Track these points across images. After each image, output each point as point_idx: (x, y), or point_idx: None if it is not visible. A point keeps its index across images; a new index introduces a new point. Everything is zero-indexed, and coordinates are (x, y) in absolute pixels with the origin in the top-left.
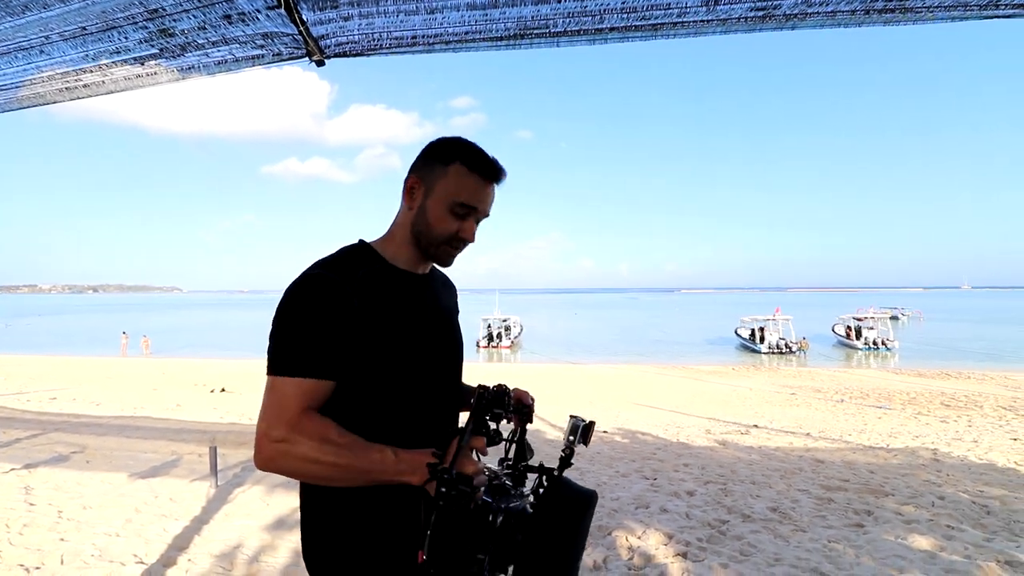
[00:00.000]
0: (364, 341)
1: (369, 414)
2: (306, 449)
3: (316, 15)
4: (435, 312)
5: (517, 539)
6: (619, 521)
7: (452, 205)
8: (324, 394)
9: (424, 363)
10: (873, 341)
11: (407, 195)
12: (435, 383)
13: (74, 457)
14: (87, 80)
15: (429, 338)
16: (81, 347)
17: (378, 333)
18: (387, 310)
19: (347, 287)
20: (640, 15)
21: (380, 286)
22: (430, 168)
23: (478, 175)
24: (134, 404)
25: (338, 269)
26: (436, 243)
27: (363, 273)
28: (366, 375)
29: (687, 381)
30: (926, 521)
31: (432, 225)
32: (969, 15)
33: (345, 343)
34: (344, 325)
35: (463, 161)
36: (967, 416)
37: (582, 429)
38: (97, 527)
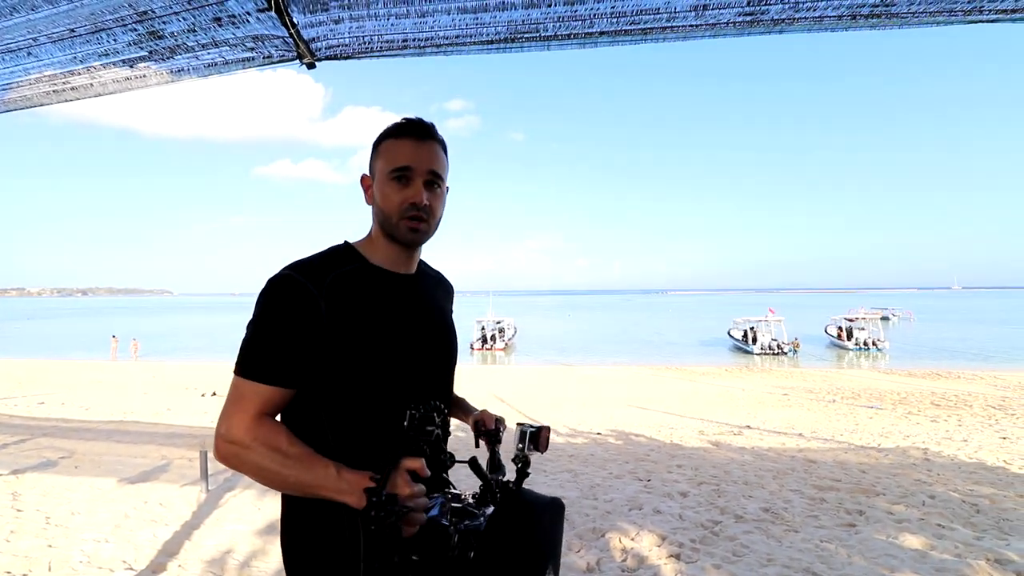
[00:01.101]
0: (333, 346)
1: (348, 419)
2: (256, 456)
3: (307, 18)
4: (419, 313)
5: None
6: (612, 523)
7: (389, 175)
8: (281, 401)
9: (403, 366)
10: (864, 342)
11: (366, 193)
12: (417, 386)
13: (62, 462)
14: (75, 83)
15: (409, 340)
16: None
17: (348, 338)
18: (359, 313)
19: (314, 291)
20: (629, 19)
21: (354, 288)
22: (372, 159)
23: (400, 138)
24: (124, 408)
25: (309, 272)
26: (393, 220)
27: (335, 276)
28: (340, 380)
29: (680, 382)
30: (917, 520)
31: (382, 204)
32: (954, 20)
33: (309, 350)
34: (308, 332)
35: (386, 135)
36: (957, 416)
37: (530, 435)
38: (85, 533)
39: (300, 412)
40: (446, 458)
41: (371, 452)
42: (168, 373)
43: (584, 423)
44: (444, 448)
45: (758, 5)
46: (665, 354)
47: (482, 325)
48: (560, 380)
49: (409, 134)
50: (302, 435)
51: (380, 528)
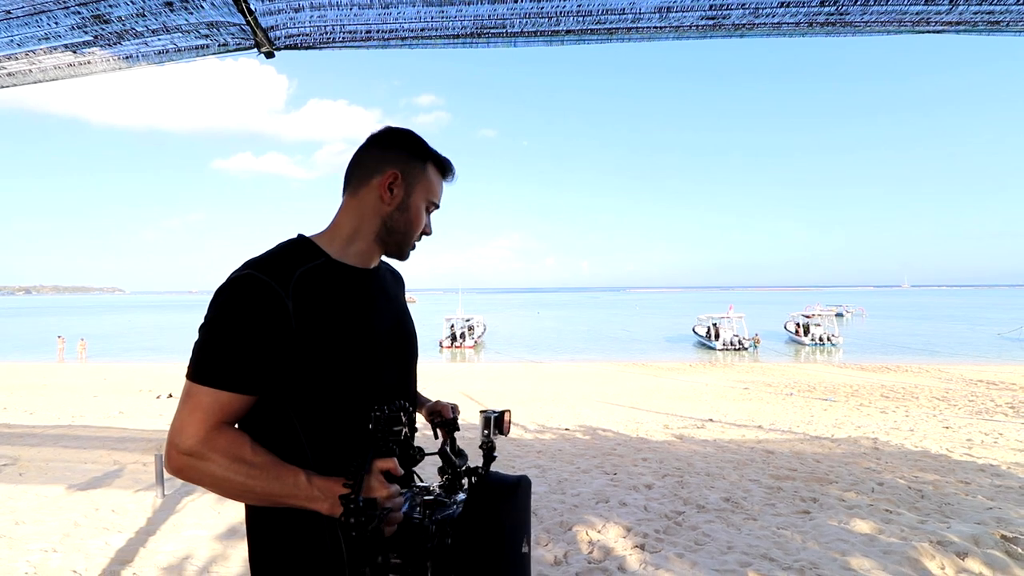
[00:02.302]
0: (303, 347)
1: (322, 422)
2: (215, 467)
3: (265, 5)
4: (385, 307)
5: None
6: (580, 516)
7: (428, 204)
8: (241, 408)
9: (375, 363)
10: (819, 337)
11: (382, 189)
12: (388, 384)
13: (5, 470)
14: (12, 68)
15: (379, 336)
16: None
17: (319, 338)
18: (329, 311)
19: (279, 290)
20: (595, 19)
21: (321, 285)
22: (408, 164)
23: (441, 174)
24: (72, 412)
25: (273, 269)
26: (411, 238)
27: (302, 272)
28: (312, 382)
29: (646, 378)
30: (866, 506)
31: (412, 223)
32: (903, 29)
33: (275, 353)
34: (275, 334)
35: (433, 162)
36: (904, 407)
37: (494, 420)
38: (31, 543)
39: (268, 417)
40: (415, 453)
41: (347, 454)
42: (120, 375)
43: (553, 419)
44: (412, 444)
45: (720, 10)
46: (632, 351)
47: (451, 323)
48: (529, 377)
49: (447, 175)
50: (271, 441)
51: (361, 533)
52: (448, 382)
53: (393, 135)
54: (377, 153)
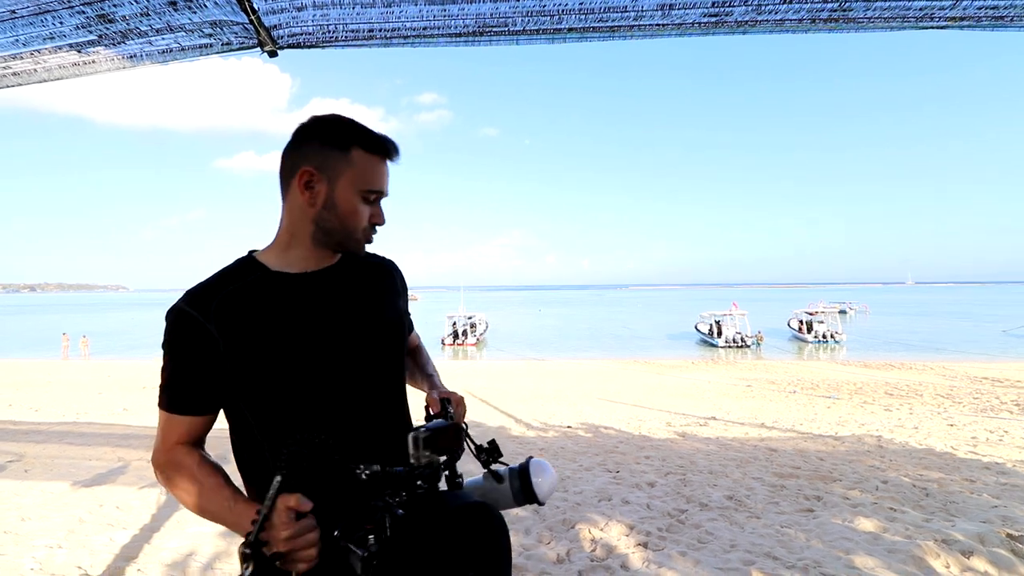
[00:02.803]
0: (236, 367)
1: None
2: (172, 482)
3: (268, 4)
4: (336, 307)
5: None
6: (582, 514)
7: (363, 194)
8: (200, 427)
9: (319, 369)
10: (823, 334)
11: (303, 189)
12: (345, 384)
13: (11, 466)
14: (17, 67)
15: (321, 340)
16: (17, 349)
17: (246, 354)
18: (253, 328)
19: (200, 319)
20: (597, 16)
21: (244, 305)
22: (324, 155)
23: (375, 155)
24: (77, 409)
25: (195, 299)
26: (353, 236)
27: (220, 298)
28: (256, 397)
29: (649, 375)
30: (871, 504)
31: (347, 218)
32: (906, 25)
33: (210, 378)
34: (205, 360)
35: (362, 144)
36: (908, 404)
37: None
38: (37, 539)
39: (238, 430)
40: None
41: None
42: (124, 372)
43: (555, 417)
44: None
45: (722, 7)
46: (634, 348)
47: (453, 320)
48: (531, 375)
49: (384, 153)
50: (245, 453)
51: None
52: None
53: (307, 127)
54: (292, 150)
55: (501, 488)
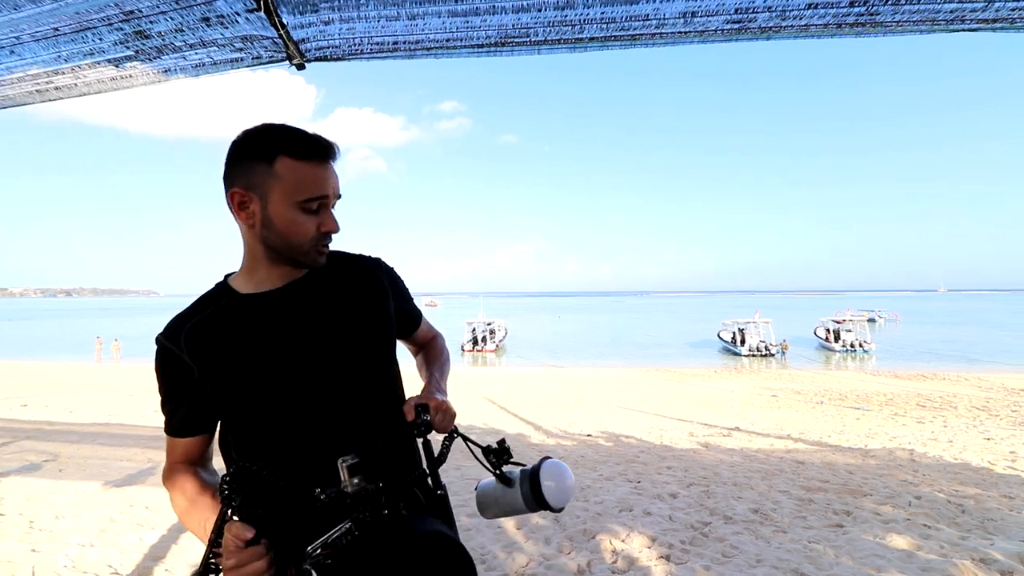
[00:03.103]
0: (211, 390)
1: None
2: (171, 499)
3: (296, 19)
4: (302, 323)
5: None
6: (603, 524)
7: (299, 205)
8: (194, 447)
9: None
10: (851, 343)
11: (239, 212)
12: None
13: (46, 465)
14: (59, 82)
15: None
16: (53, 352)
17: (217, 378)
18: (220, 353)
19: (173, 348)
20: (619, 25)
21: (211, 332)
22: (250, 172)
23: (304, 160)
24: (109, 411)
25: (170, 329)
26: (302, 250)
27: (190, 327)
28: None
29: (670, 384)
30: (903, 521)
31: (287, 235)
32: (936, 28)
33: (192, 402)
34: (184, 386)
35: (287, 152)
36: (942, 417)
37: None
38: (70, 537)
39: (222, 447)
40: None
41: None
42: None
43: (574, 425)
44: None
45: (746, 13)
46: (654, 356)
47: (472, 327)
48: (550, 382)
49: (315, 156)
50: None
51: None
52: (469, 387)
53: (235, 144)
54: (225, 171)
55: (512, 492)
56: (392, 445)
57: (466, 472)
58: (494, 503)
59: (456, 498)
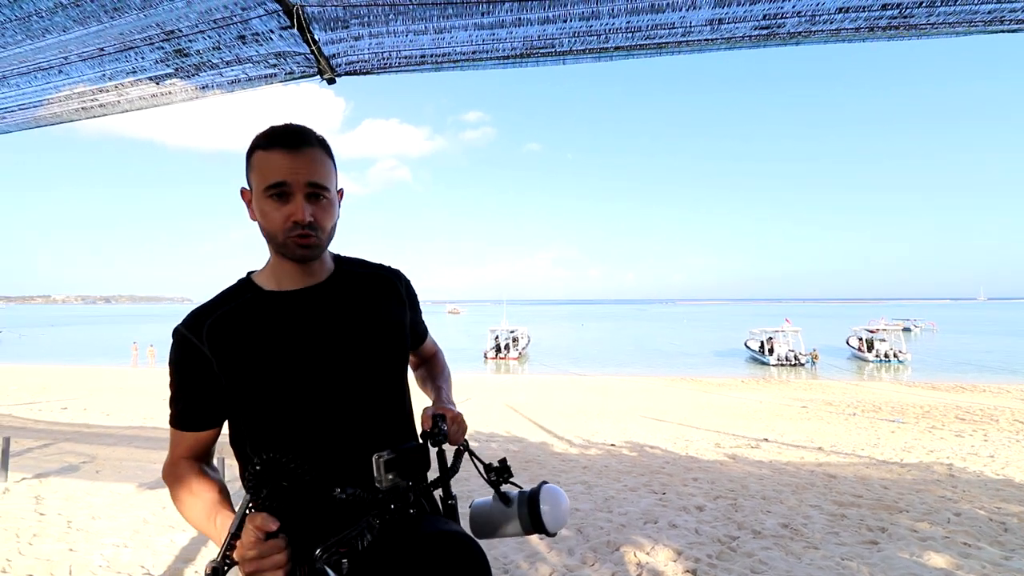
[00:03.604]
0: (229, 385)
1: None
2: (173, 494)
3: (328, 35)
4: (322, 325)
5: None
6: (627, 536)
7: (267, 192)
8: (203, 441)
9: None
10: (885, 353)
11: (248, 209)
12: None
13: (84, 467)
14: (103, 99)
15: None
16: (92, 357)
17: (237, 374)
18: (242, 348)
19: (195, 341)
20: (645, 34)
21: (234, 326)
22: (247, 170)
23: (272, 150)
24: (144, 414)
25: (191, 322)
26: (279, 239)
27: (212, 320)
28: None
29: (695, 393)
30: (942, 538)
31: (263, 224)
32: (973, 30)
33: (207, 396)
34: (200, 380)
35: (258, 146)
36: (983, 430)
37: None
38: (106, 537)
39: (235, 441)
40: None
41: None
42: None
43: (598, 434)
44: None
45: (774, 19)
46: (680, 365)
47: (496, 334)
48: (573, 390)
49: (280, 144)
50: (239, 462)
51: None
52: (492, 394)
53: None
54: None
55: (508, 512)
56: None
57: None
58: (487, 521)
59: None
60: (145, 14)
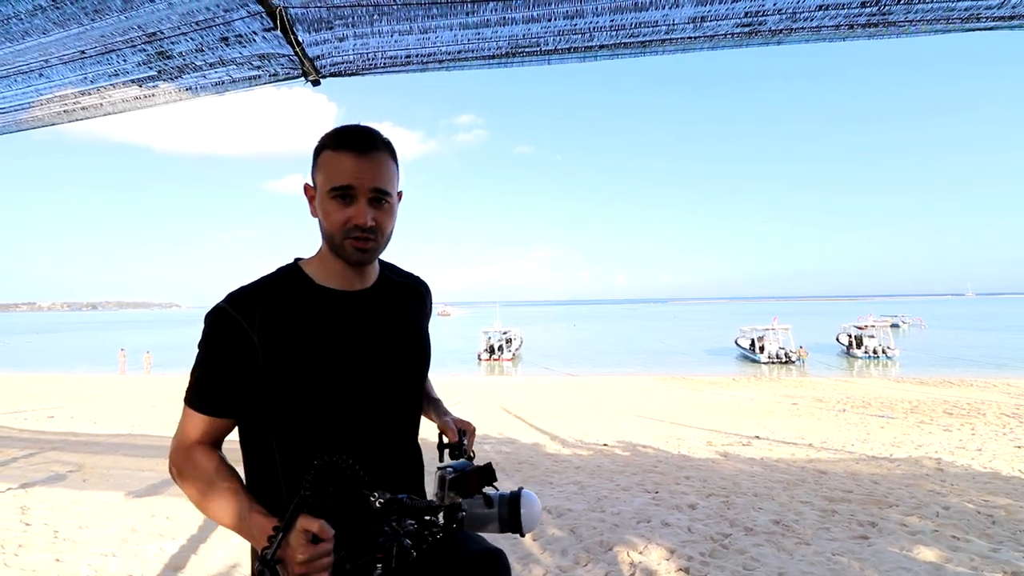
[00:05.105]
0: (271, 378)
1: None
2: (186, 481)
3: (311, 36)
4: (372, 331)
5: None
6: (620, 536)
7: (331, 192)
8: (222, 429)
9: (350, 391)
10: (874, 350)
11: (309, 203)
12: (371, 408)
13: (71, 476)
14: (85, 103)
15: (356, 364)
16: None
17: (285, 369)
18: (295, 343)
19: (245, 325)
20: (628, 32)
21: (290, 317)
22: (313, 167)
23: (340, 151)
24: (132, 422)
25: (242, 303)
26: (337, 240)
27: (268, 306)
28: (284, 409)
29: (687, 392)
30: (931, 532)
31: (325, 224)
32: (951, 28)
33: (244, 384)
34: (242, 366)
35: (326, 146)
36: (970, 424)
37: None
38: (93, 547)
39: (252, 436)
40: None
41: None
42: (177, 387)
43: (590, 434)
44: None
45: (755, 16)
46: (671, 364)
47: (488, 336)
48: (566, 391)
49: (349, 147)
50: (254, 458)
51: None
52: (486, 395)
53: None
54: None
55: (489, 513)
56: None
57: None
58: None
59: None
60: (126, 16)
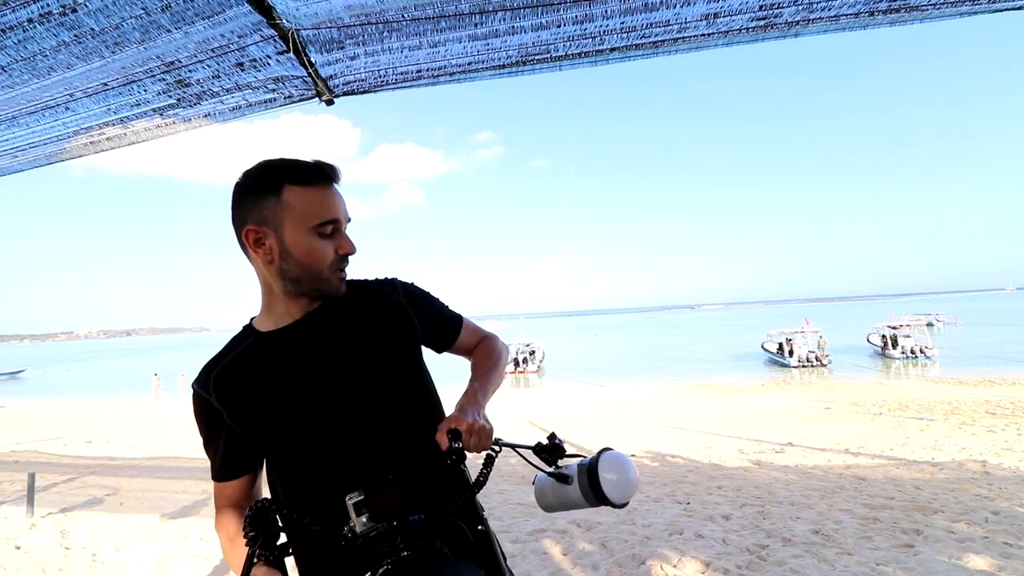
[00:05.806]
0: (243, 431)
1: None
2: (221, 545)
3: (324, 56)
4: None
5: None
6: (653, 549)
7: (314, 231)
8: (240, 489)
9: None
10: (910, 350)
11: (255, 249)
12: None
13: (108, 499)
14: (110, 133)
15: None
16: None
17: (246, 420)
18: (246, 395)
19: (204, 395)
20: (640, 33)
21: (235, 375)
22: (260, 207)
23: (315, 186)
24: (165, 445)
25: (202, 375)
26: (324, 275)
27: (216, 372)
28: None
29: (715, 399)
30: (980, 539)
31: (307, 262)
32: (978, 9)
33: (229, 445)
34: (219, 430)
35: (293, 180)
36: (1016, 424)
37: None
38: (130, 570)
39: (272, 485)
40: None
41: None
42: None
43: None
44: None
45: (771, 9)
46: (697, 371)
47: (514, 348)
48: (591, 401)
49: (321, 180)
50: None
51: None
52: (511, 409)
53: (238, 185)
54: (233, 213)
55: (570, 488)
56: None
57: (508, 496)
58: (553, 500)
59: (498, 523)
60: (145, 47)
